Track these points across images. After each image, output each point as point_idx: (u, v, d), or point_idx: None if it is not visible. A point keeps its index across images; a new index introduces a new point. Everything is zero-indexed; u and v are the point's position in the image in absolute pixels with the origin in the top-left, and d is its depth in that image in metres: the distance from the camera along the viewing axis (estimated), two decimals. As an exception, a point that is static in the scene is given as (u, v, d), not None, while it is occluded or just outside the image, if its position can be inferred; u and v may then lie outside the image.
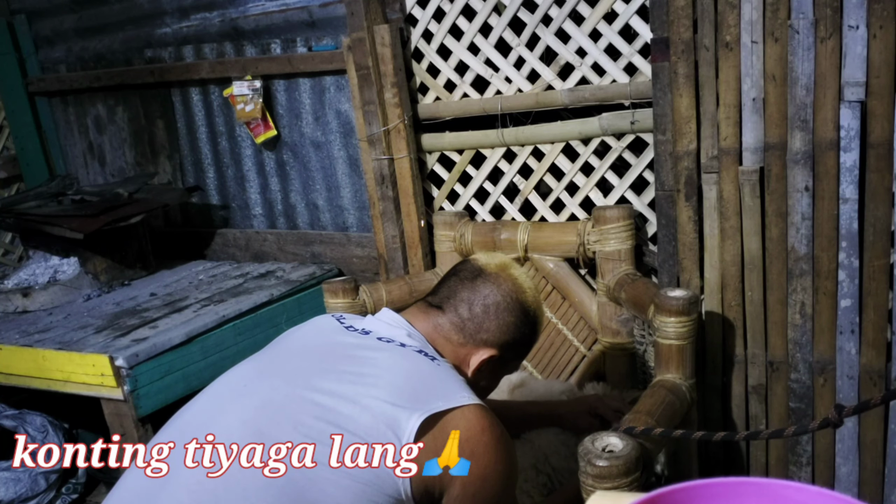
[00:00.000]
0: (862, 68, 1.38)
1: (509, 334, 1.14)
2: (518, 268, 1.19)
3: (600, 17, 1.70)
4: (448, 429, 0.97)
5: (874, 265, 1.45)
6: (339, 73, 2.15)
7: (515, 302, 1.14)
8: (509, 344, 1.15)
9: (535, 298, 1.18)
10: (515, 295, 1.14)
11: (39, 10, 2.79)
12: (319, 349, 1.10)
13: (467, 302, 1.13)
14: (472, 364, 1.13)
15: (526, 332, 1.17)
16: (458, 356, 1.13)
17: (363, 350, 1.07)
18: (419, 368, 1.04)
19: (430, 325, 1.13)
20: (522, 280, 1.17)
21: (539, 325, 1.19)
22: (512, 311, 1.14)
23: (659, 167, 1.64)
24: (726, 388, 1.68)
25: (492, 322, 1.13)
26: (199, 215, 2.65)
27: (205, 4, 2.37)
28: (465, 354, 1.13)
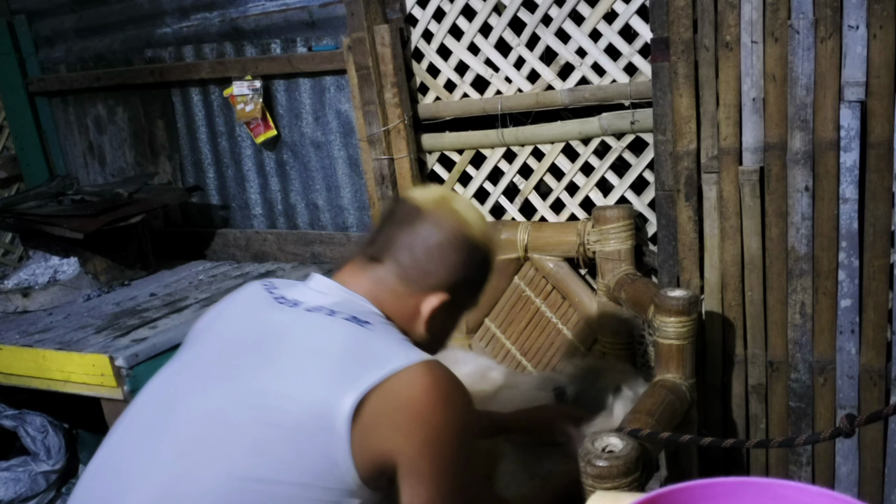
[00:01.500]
0: (862, 68, 1.38)
1: (458, 274, 1.04)
2: (459, 198, 1.09)
3: (600, 17, 1.70)
4: (390, 399, 0.90)
5: (874, 265, 1.45)
6: (339, 73, 2.15)
7: (460, 238, 1.04)
8: (460, 284, 1.05)
9: (482, 228, 1.07)
10: (459, 230, 1.04)
11: (39, 10, 2.78)
12: (248, 337, 1.01)
13: (407, 248, 1.03)
14: (424, 313, 1.04)
15: (477, 268, 1.07)
16: (408, 308, 1.04)
17: (292, 328, 0.99)
18: (349, 340, 0.96)
19: (370, 281, 1.04)
20: (465, 212, 1.06)
21: (491, 256, 1.09)
22: (458, 249, 1.03)
23: (659, 167, 1.64)
24: (726, 387, 1.68)
25: (437, 265, 1.03)
26: (199, 215, 2.65)
27: (205, 4, 2.37)
28: (415, 304, 1.04)
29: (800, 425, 1.60)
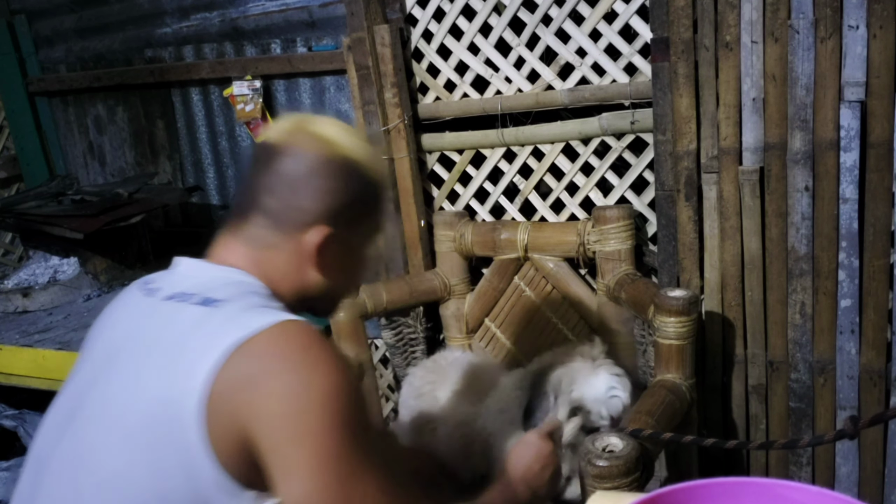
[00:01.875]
0: (862, 68, 1.38)
1: (334, 200, 0.92)
2: (319, 119, 0.96)
3: (600, 17, 1.70)
4: (240, 376, 0.78)
5: (874, 265, 1.45)
6: (339, 73, 2.15)
7: (324, 160, 0.91)
8: (340, 211, 0.92)
9: (353, 143, 0.94)
10: (322, 152, 0.92)
11: (39, 10, 2.79)
12: (112, 345, 0.92)
13: (269, 190, 0.91)
14: (307, 256, 0.92)
15: (356, 188, 0.94)
16: (291, 257, 0.92)
17: (144, 327, 0.90)
18: (197, 325, 0.84)
19: (243, 245, 0.93)
20: (327, 131, 0.94)
21: (369, 171, 0.95)
22: (325, 173, 0.91)
23: (659, 167, 1.64)
24: (726, 388, 1.68)
25: (306, 198, 0.91)
26: (199, 215, 2.65)
27: (205, 4, 2.37)
28: (296, 250, 0.92)
29: (800, 426, 1.60)
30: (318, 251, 0.92)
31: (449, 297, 1.95)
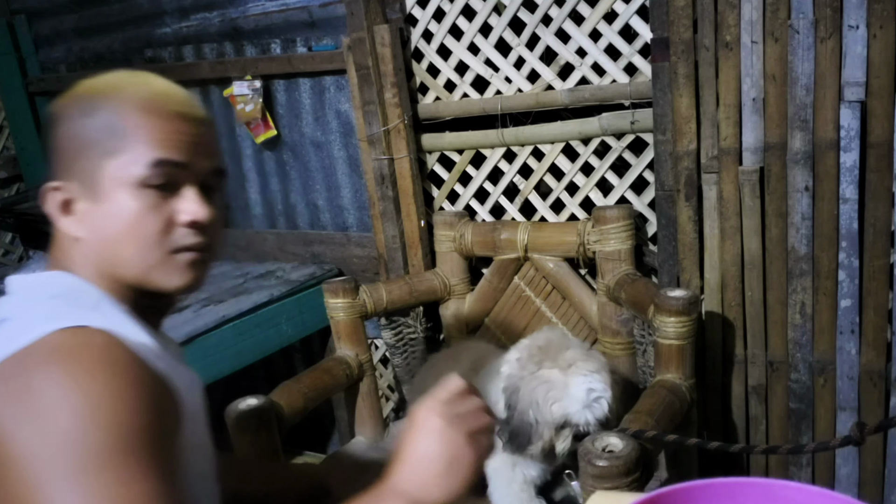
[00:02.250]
0: (862, 68, 1.38)
1: (60, 148, 0.80)
2: (98, 77, 0.82)
3: (600, 17, 1.70)
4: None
5: (874, 265, 1.45)
6: (339, 73, 2.15)
7: (63, 108, 0.80)
8: (69, 157, 0.79)
9: (92, 87, 0.81)
10: (69, 101, 0.80)
11: (39, 10, 2.79)
12: None
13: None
14: (56, 222, 0.80)
15: (77, 124, 0.78)
16: (64, 240, 0.81)
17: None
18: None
19: (56, 239, 0.83)
20: (81, 84, 0.82)
21: (102, 100, 0.79)
22: (59, 120, 0.80)
23: (659, 167, 1.64)
24: (726, 388, 1.68)
25: (53, 158, 0.80)
26: (199, 215, 2.65)
27: (205, 4, 2.37)
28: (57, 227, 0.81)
29: (800, 426, 1.60)
30: (59, 215, 0.79)
31: (449, 297, 1.95)
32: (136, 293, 0.82)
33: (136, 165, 0.77)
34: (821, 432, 1.58)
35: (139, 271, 0.79)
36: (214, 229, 0.84)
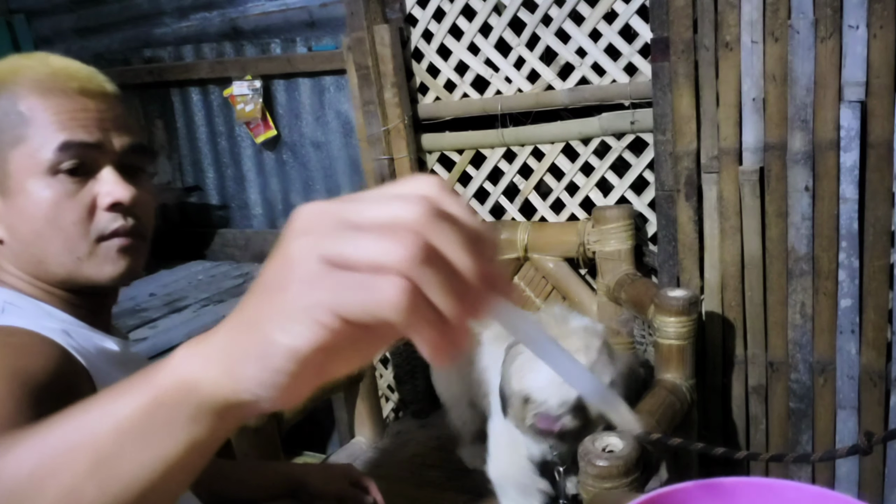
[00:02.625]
0: (862, 68, 1.38)
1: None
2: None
3: (600, 17, 1.70)
4: None
5: (874, 265, 1.45)
6: (339, 73, 2.15)
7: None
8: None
9: None
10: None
11: (39, 10, 2.78)
12: None
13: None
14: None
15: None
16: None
17: None
18: None
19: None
20: None
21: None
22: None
23: (659, 167, 1.64)
24: (726, 388, 1.68)
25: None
26: (198, 215, 2.65)
27: (204, 4, 2.37)
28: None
29: (800, 426, 1.60)
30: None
31: (449, 298, 1.95)
32: (72, 294, 0.77)
33: (44, 151, 0.71)
34: (821, 432, 1.58)
35: (68, 266, 0.74)
36: (143, 210, 0.79)
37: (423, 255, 0.31)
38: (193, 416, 0.34)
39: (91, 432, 0.34)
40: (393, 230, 0.32)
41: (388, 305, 0.31)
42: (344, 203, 0.34)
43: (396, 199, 0.33)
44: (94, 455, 0.34)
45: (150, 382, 0.35)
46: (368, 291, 0.31)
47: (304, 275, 0.32)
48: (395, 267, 0.31)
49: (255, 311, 0.34)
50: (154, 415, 0.34)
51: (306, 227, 0.33)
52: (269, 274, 0.34)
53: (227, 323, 0.35)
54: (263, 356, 0.33)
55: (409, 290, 0.31)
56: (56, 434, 0.35)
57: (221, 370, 0.34)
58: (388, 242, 0.31)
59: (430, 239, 0.32)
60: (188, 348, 0.35)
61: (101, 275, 0.76)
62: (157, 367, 0.36)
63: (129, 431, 0.34)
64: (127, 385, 0.36)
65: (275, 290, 0.33)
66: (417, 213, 0.32)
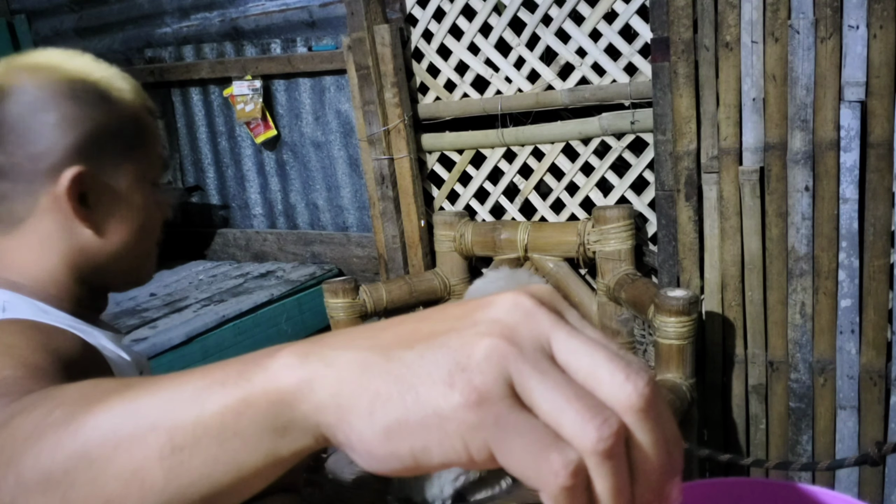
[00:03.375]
0: (862, 68, 1.38)
1: (75, 131, 0.73)
2: (37, 51, 0.78)
3: (600, 17, 1.70)
4: None
5: (874, 265, 1.45)
6: (339, 73, 2.15)
7: (51, 88, 0.73)
8: (88, 144, 0.73)
9: (84, 63, 0.79)
10: (40, 82, 0.73)
11: (39, 10, 2.79)
12: None
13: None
14: (67, 209, 0.72)
15: (102, 114, 0.75)
16: (50, 227, 0.74)
17: None
18: None
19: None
20: (48, 57, 0.77)
21: (117, 93, 0.79)
22: (54, 103, 0.72)
23: (659, 167, 1.64)
24: (726, 387, 1.68)
25: (37, 140, 0.72)
26: (198, 215, 2.65)
27: (205, 4, 2.37)
28: (52, 210, 0.73)
29: (800, 426, 1.60)
30: (77, 197, 0.73)
31: (449, 297, 1.95)
32: (83, 291, 0.78)
33: (149, 169, 0.79)
34: (821, 432, 1.58)
35: (131, 264, 0.79)
36: None
37: (615, 448, 0.27)
38: (282, 429, 0.31)
39: (172, 416, 0.32)
40: (601, 405, 0.27)
41: (547, 485, 0.26)
42: (570, 325, 0.29)
43: (625, 366, 0.28)
44: (169, 440, 0.32)
45: (246, 380, 0.32)
46: (535, 456, 0.26)
47: (480, 383, 0.27)
48: (581, 448, 0.26)
49: (404, 367, 0.28)
50: (241, 415, 0.31)
51: (513, 327, 0.28)
52: (441, 335, 0.29)
53: (356, 346, 0.30)
54: (385, 429, 0.28)
55: (579, 478, 0.26)
56: (137, 405, 0.33)
57: (331, 399, 0.30)
58: (591, 416, 0.26)
59: (634, 431, 0.27)
60: (297, 357, 0.31)
61: (147, 279, 0.83)
62: (253, 365, 0.32)
63: (211, 426, 0.32)
64: (218, 374, 0.33)
65: (439, 365, 0.28)
66: (637, 399, 0.27)
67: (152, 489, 0.32)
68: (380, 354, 0.29)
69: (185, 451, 0.32)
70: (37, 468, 0.33)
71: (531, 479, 0.27)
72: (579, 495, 0.27)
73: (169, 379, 0.34)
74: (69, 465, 0.33)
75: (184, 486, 0.32)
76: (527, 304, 0.29)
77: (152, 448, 0.32)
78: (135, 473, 0.32)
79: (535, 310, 0.29)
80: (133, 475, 0.32)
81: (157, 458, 0.32)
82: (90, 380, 0.39)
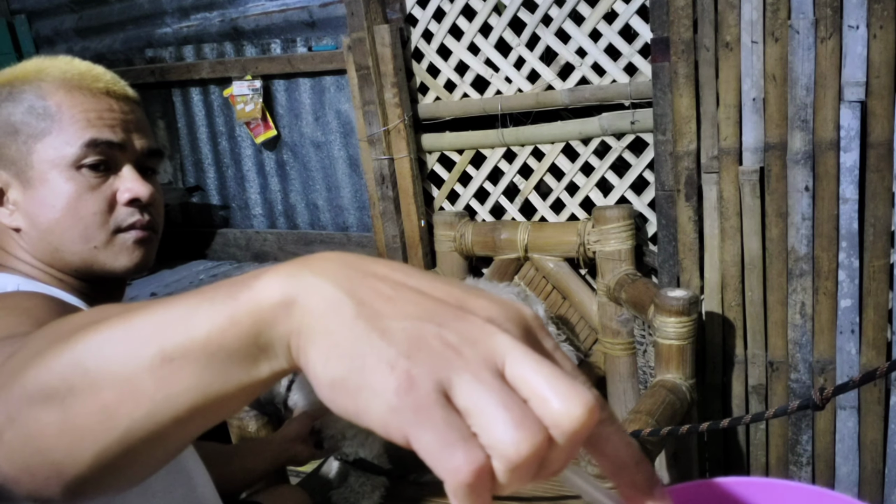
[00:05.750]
0: (862, 68, 1.38)
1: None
2: (17, 65, 0.81)
3: (600, 17, 1.70)
4: None
5: (874, 265, 1.45)
6: (339, 73, 2.15)
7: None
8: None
9: (13, 73, 0.80)
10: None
11: (40, 10, 2.79)
12: None
13: None
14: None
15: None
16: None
17: None
18: None
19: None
20: (5, 71, 0.80)
21: (12, 84, 0.78)
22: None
23: (659, 167, 1.64)
24: (726, 388, 1.68)
25: None
26: (199, 215, 2.65)
27: (205, 4, 2.37)
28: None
29: (800, 426, 1.60)
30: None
31: (449, 297, 1.95)
32: (84, 282, 0.80)
33: (70, 146, 0.76)
34: (821, 432, 1.59)
35: (84, 254, 0.78)
36: (156, 207, 0.84)
37: (530, 460, 0.27)
38: (264, 346, 0.32)
39: (163, 331, 0.34)
40: (533, 419, 0.28)
41: (448, 478, 0.27)
42: (531, 350, 0.29)
43: (569, 388, 0.28)
44: (160, 352, 0.33)
45: (233, 298, 0.33)
46: (443, 449, 0.27)
47: (416, 374, 0.28)
48: (496, 452, 0.27)
49: (365, 333, 0.30)
50: (226, 331, 0.32)
51: (473, 341, 0.29)
52: (409, 318, 0.30)
53: (340, 279, 0.31)
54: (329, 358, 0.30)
55: (482, 478, 0.27)
56: (132, 323, 0.35)
57: (302, 326, 0.31)
58: (516, 425, 0.27)
59: (565, 451, 0.29)
60: (281, 278, 0.32)
61: (116, 264, 0.80)
62: (241, 284, 0.34)
63: (198, 340, 0.33)
64: (209, 293, 0.34)
65: (392, 345, 0.29)
66: (571, 422, 0.28)
67: (144, 397, 0.34)
68: (355, 305, 0.30)
69: (174, 363, 0.33)
70: (38, 379, 0.35)
71: (437, 472, 0.27)
72: (479, 495, 0.27)
73: (167, 299, 0.36)
74: (66, 373, 0.35)
75: (173, 396, 0.33)
76: (498, 322, 0.30)
77: (144, 359, 0.33)
78: (128, 381, 0.34)
79: (499, 331, 0.30)
80: (126, 383, 0.34)
81: (147, 368, 0.33)
82: (97, 308, 0.41)
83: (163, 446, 0.36)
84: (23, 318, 0.60)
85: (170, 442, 0.36)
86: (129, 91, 0.83)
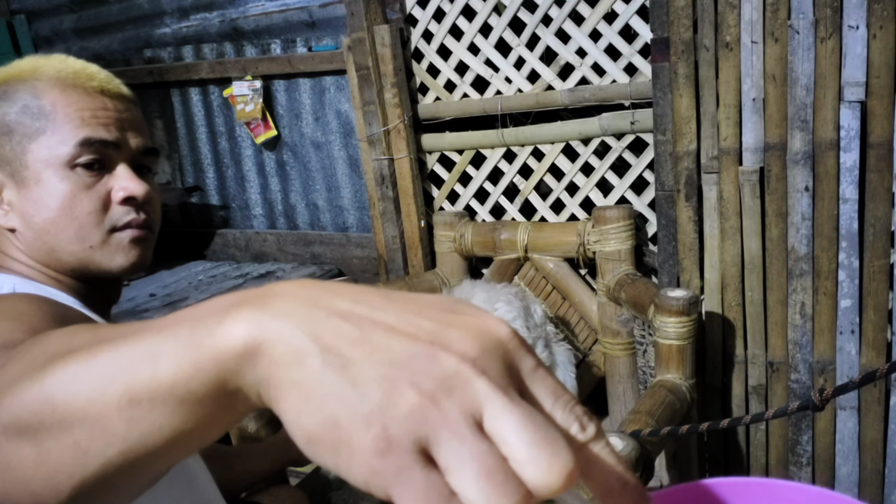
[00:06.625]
0: (862, 68, 1.38)
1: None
2: (11, 64, 0.82)
3: (600, 17, 1.70)
4: None
5: (874, 265, 1.45)
6: (339, 73, 2.15)
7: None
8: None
9: (7, 72, 0.80)
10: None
11: (39, 11, 2.79)
12: None
13: None
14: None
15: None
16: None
17: None
18: None
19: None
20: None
21: (7, 83, 0.78)
22: None
23: (659, 167, 1.64)
24: (726, 388, 1.68)
25: None
26: (198, 215, 2.65)
27: (204, 4, 2.37)
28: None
29: (800, 426, 1.60)
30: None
31: (449, 298, 1.95)
32: (80, 282, 0.80)
33: (64, 145, 0.75)
34: (821, 432, 1.58)
35: (80, 254, 0.77)
36: (153, 206, 0.83)
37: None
38: (233, 391, 0.32)
39: (129, 372, 0.33)
40: (513, 484, 0.27)
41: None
42: (507, 396, 0.28)
43: (549, 447, 0.27)
44: (126, 393, 0.32)
45: (196, 343, 0.31)
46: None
47: (393, 434, 0.27)
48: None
49: (337, 382, 0.28)
50: (192, 378, 0.31)
51: (449, 389, 0.28)
52: (382, 365, 0.28)
53: (305, 319, 0.30)
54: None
55: None
56: (98, 360, 0.34)
57: (270, 376, 0.30)
58: (497, 495, 0.26)
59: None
60: (244, 322, 0.30)
61: (112, 263, 0.79)
62: (203, 327, 0.32)
63: (164, 384, 0.32)
64: (171, 329, 0.33)
65: (365, 399, 0.28)
66: (550, 486, 0.27)
67: (115, 437, 0.33)
68: (321, 353, 0.29)
69: (142, 405, 0.32)
70: (11, 411, 0.35)
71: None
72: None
73: (131, 329, 0.34)
74: (36, 409, 0.34)
75: (146, 434, 0.33)
76: (473, 359, 0.29)
77: (111, 399, 0.33)
78: (97, 421, 0.33)
79: (475, 375, 0.28)
80: (95, 422, 0.33)
81: (115, 408, 0.33)
82: (72, 327, 0.40)
83: (146, 474, 0.35)
84: (15, 323, 0.59)
85: (154, 468, 0.35)
86: (123, 89, 0.82)
